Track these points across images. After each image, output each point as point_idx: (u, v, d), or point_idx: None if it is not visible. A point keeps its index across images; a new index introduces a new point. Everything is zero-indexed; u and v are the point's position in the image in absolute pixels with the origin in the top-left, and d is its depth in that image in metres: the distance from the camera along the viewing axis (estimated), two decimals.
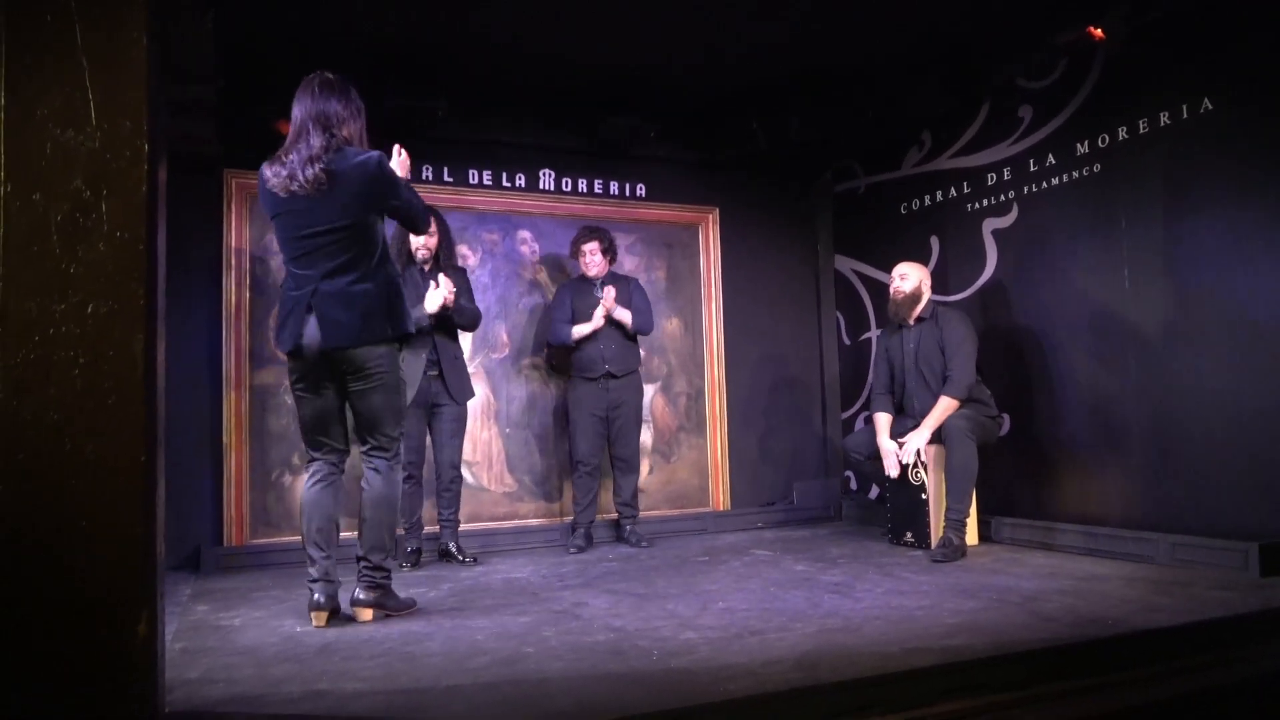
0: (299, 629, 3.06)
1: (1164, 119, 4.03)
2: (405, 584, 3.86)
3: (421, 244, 4.33)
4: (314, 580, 3.08)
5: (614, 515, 4.99)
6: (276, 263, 4.74)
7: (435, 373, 4.31)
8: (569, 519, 4.99)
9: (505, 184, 5.26)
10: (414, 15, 4.00)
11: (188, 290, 4.55)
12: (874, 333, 5.65)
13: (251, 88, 4.32)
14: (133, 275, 1.90)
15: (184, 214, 4.50)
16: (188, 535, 4.46)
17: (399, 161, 3.28)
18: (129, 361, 1.89)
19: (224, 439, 4.55)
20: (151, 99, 1.95)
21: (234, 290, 4.63)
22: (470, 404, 4.50)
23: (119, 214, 1.89)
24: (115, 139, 1.89)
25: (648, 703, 2.09)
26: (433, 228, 4.35)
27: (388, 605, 3.17)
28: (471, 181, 5.19)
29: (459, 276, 4.44)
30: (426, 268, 4.37)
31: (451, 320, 4.33)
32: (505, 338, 5.13)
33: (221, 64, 3.74)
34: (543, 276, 5.28)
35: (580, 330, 4.72)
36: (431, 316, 4.16)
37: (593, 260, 4.80)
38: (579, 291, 4.85)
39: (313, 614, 3.07)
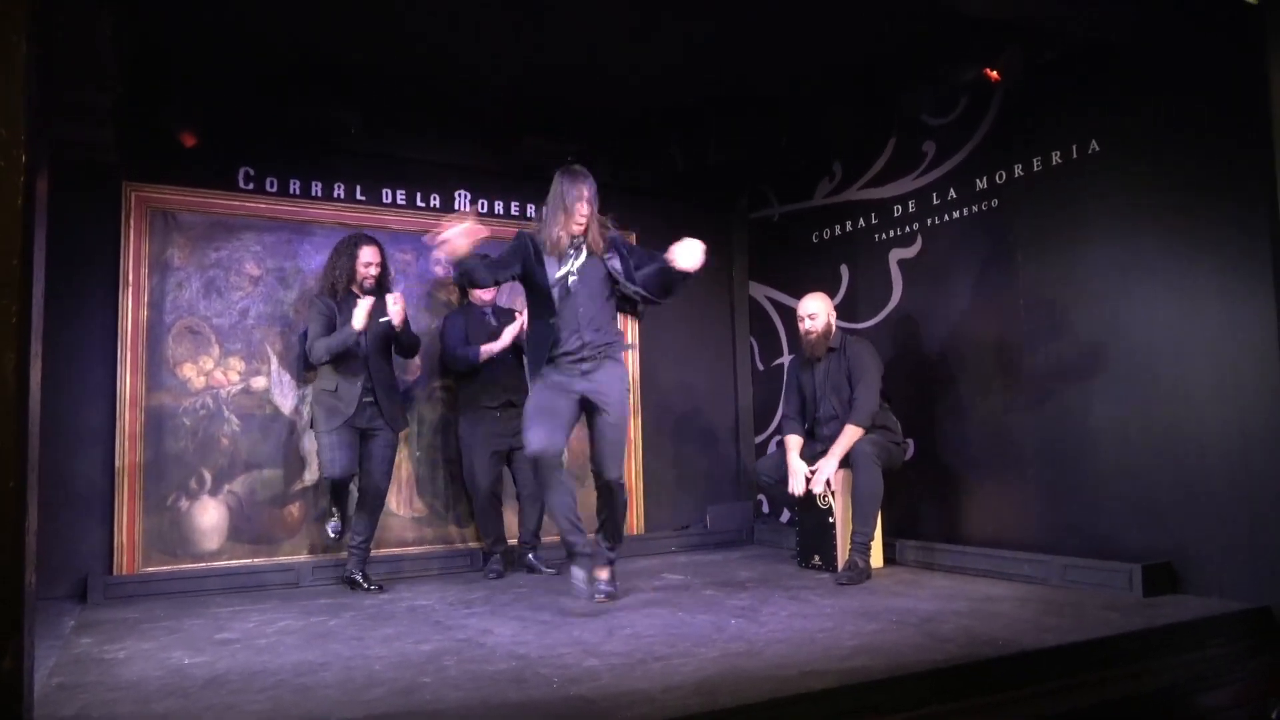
0: (187, 661, 2.94)
1: (1055, 158, 4.22)
2: (306, 613, 3.75)
3: (366, 270, 4.30)
4: None
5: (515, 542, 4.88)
6: (176, 280, 4.59)
7: (370, 399, 4.26)
8: (477, 545, 4.93)
9: (420, 204, 5.19)
10: (326, 23, 3.93)
11: (83, 307, 4.37)
12: (786, 358, 5.74)
13: (154, 93, 4.18)
14: (6, 290, 1.82)
15: (80, 227, 4.35)
16: (75, 563, 4.23)
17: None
18: None
19: (117, 462, 4.36)
20: (31, 106, 1.87)
21: (131, 307, 4.45)
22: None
23: None
24: None
25: None
26: (376, 255, 4.35)
27: None
28: (385, 201, 5.11)
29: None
30: (361, 294, 4.30)
31: (388, 346, 4.37)
32: (417, 360, 5.02)
33: (121, 68, 3.60)
34: (456, 298, 5.22)
35: (490, 349, 4.63)
36: (359, 334, 4.13)
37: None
38: (470, 316, 4.78)
39: None
